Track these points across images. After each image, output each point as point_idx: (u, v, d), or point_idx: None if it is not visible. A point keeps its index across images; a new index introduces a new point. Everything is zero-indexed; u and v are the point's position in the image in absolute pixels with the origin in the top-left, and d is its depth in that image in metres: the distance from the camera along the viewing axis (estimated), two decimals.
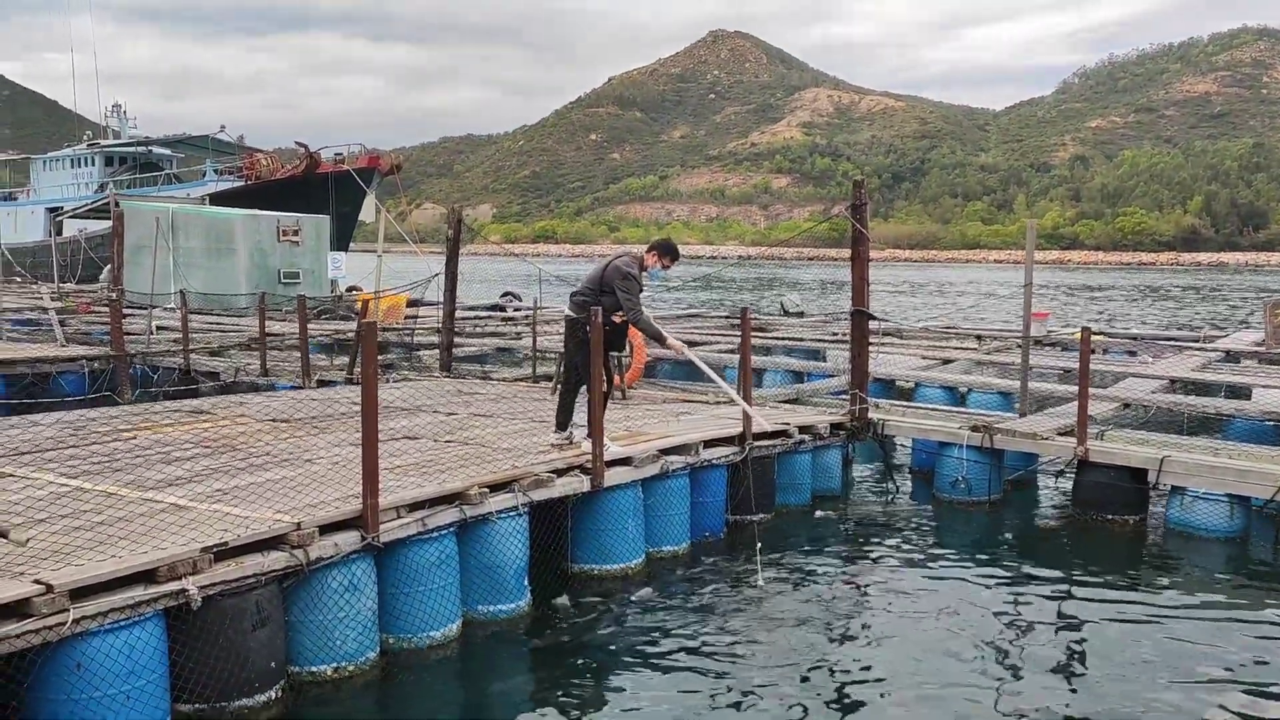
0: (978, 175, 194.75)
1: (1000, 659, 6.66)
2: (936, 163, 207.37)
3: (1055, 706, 5.99)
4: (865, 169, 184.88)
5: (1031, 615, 7.52)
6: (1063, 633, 7.25)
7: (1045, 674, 6.45)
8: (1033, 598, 7.93)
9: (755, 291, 54.74)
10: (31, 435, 8.66)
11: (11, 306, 21.46)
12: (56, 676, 5.01)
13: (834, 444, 10.82)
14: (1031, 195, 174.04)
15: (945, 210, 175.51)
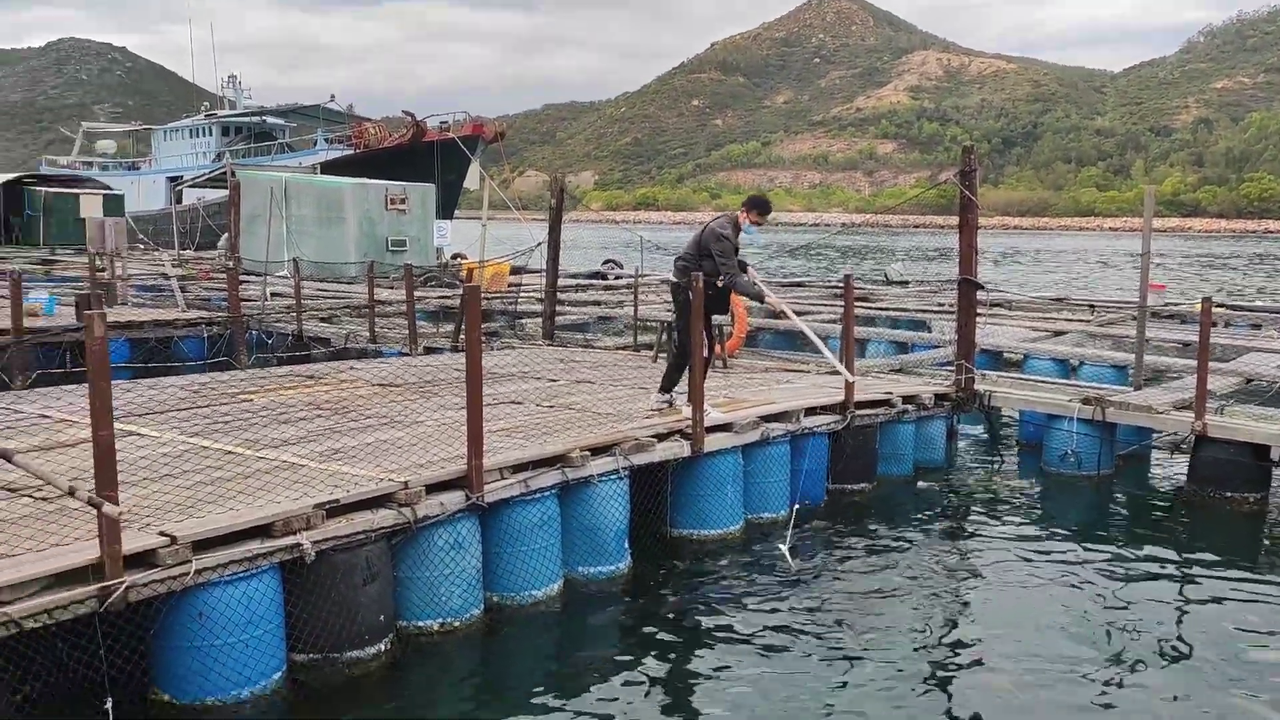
0: (1093, 140, 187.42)
1: (1107, 643, 6.46)
2: (1050, 127, 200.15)
3: (1165, 699, 5.78)
4: (974, 134, 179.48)
5: (1143, 596, 7.28)
6: (1176, 617, 7.00)
7: (1156, 662, 6.22)
8: (1145, 578, 7.68)
9: (858, 260, 53.85)
10: (157, 396, 9.06)
11: (136, 272, 22.42)
12: (180, 624, 5.26)
13: (938, 415, 10.62)
14: (1150, 160, 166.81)
15: (1058, 176, 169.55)
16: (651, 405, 8.58)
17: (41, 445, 7.17)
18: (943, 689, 5.84)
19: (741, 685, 5.88)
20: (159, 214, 40.85)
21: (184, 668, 5.29)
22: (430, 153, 36.93)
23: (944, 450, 10.79)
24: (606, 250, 41.29)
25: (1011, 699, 5.72)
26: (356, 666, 5.84)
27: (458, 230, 35.21)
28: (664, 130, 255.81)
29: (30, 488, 6.11)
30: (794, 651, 6.26)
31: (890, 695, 5.71)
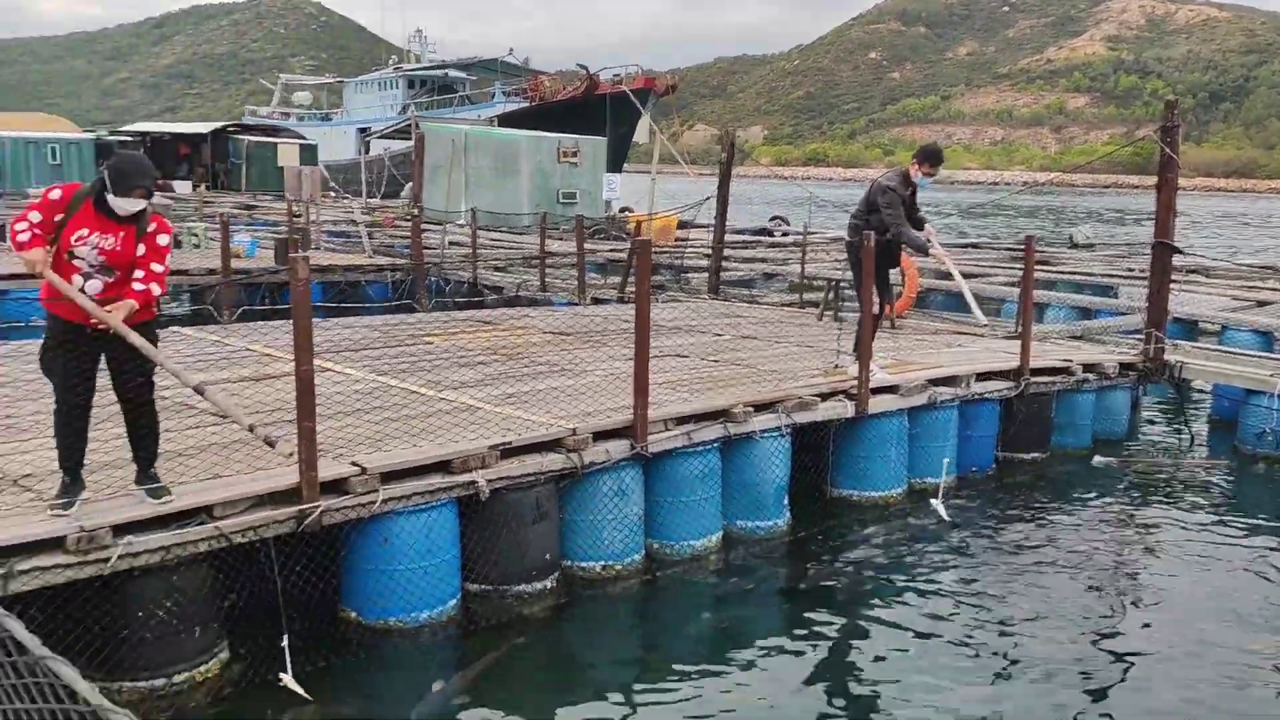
0: None
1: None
2: (1264, 81, 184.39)
3: None
4: (1178, 87, 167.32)
5: None
6: None
7: None
8: None
9: (1042, 221, 51.42)
10: (347, 335, 9.65)
11: (328, 218, 23.71)
12: (367, 549, 5.67)
13: (1122, 385, 10.16)
14: None
15: (1271, 135, 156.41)
16: (845, 365, 8.42)
17: (249, 377, 7.78)
18: (1100, 685, 5.62)
19: (891, 655, 5.88)
20: (348, 163, 42.89)
21: (369, 589, 5.71)
22: (602, 106, 37.33)
23: (1126, 422, 10.33)
24: (774, 206, 40.90)
25: (1178, 701, 5.51)
26: (523, 600, 6.15)
27: (627, 184, 35.57)
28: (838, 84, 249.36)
29: None
30: (947, 628, 6.14)
31: (1042, 687, 5.56)
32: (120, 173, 4.75)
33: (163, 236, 4.97)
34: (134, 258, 4.85)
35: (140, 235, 4.86)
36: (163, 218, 5.08)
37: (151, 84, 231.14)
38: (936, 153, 8.51)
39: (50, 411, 5.02)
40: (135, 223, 4.85)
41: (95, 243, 4.78)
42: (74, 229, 4.76)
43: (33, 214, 4.74)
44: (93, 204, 4.79)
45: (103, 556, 4.78)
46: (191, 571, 5.10)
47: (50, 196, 4.81)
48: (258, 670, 5.29)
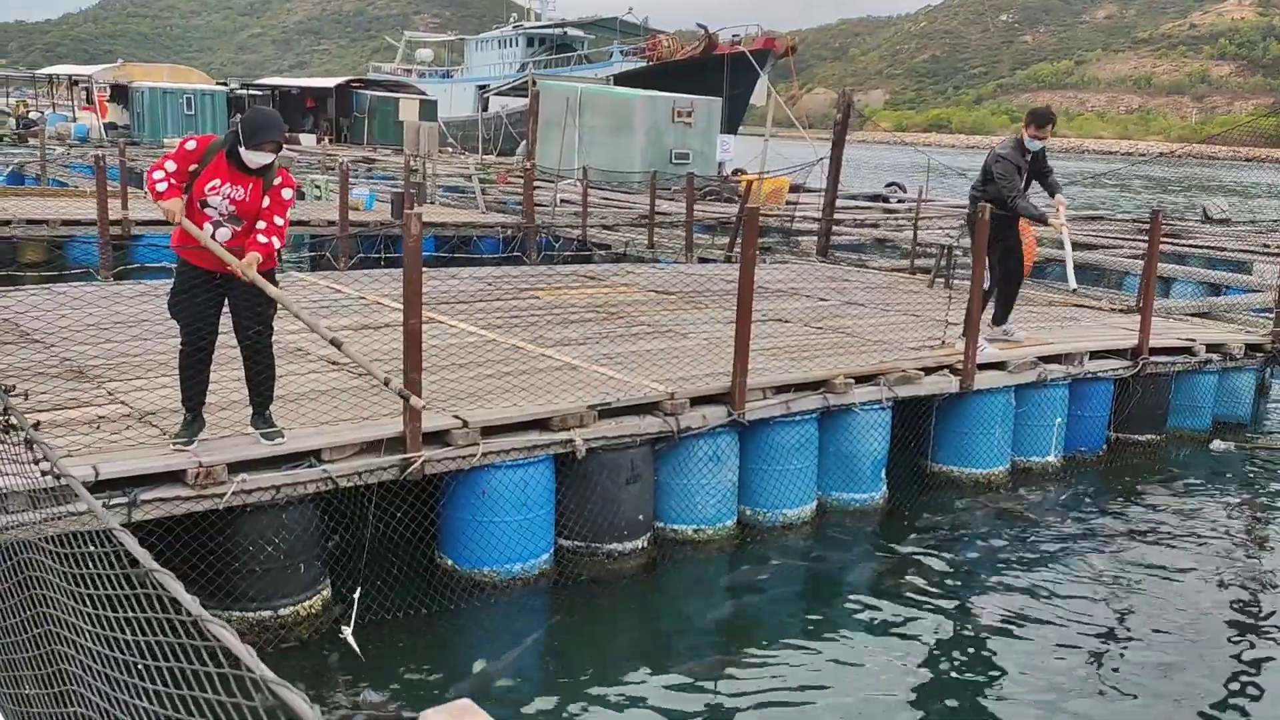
0: None
1: None
2: None
3: None
4: None
5: None
6: None
7: None
8: None
9: (1177, 194, 49.06)
10: (456, 286, 9.86)
11: (444, 173, 24.14)
12: (466, 500, 5.83)
13: (1248, 366, 9.69)
14: None
15: None
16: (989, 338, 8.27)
17: (356, 325, 8.02)
18: (1210, 687, 5.44)
19: (983, 636, 5.79)
20: (467, 120, 43.49)
21: (466, 538, 5.88)
22: (720, 66, 36.93)
23: (1250, 406, 9.87)
24: (891, 172, 39.99)
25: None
26: (616, 559, 6.25)
27: (741, 145, 35.20)
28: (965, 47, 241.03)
29: (348, 363, 6.90)
30: (1041, 613, 6.02)
31: (1138, 682, 5.41)
32: (253, 126, 4.95)
33: (286, 190, 5.15)
34: (260, 208, 5.05)
35: (267, 188, 5.05)
36: (288, 172, 5.27)
37: (282, 39, 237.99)
38: (1041, 113, 8.29)
39: (176, 352, 5.28)
40: (263, 175, 5.04)
41: (227, 193, 4.99)
42: (208, 179, 4.97)
43: (168, 164, 4.96)
44: (225, 156, 4.99)
45: (218, 492, 5.03)
46: (299, 511, 5.34)
47: (186, 147, 5.03)
48: (358, 609, 5.51)
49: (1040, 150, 8.23)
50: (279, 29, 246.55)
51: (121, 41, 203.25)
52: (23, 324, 7.46)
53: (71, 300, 7.83)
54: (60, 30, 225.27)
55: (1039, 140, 8.14)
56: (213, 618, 1.86)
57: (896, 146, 72.55)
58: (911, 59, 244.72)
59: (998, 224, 8.13)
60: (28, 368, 6.30)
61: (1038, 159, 8.27)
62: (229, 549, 5.18)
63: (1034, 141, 8.13)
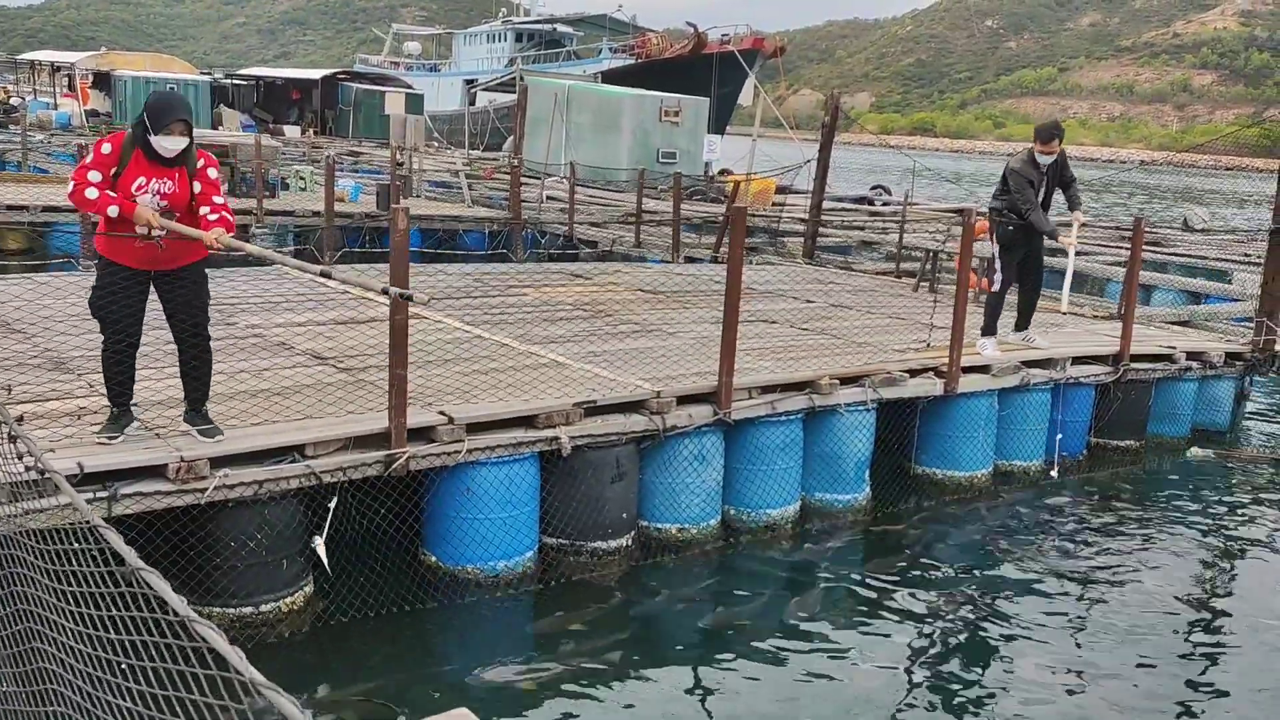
0: None
1: None
2: None
3: None
4: None
5: None
6: None
7: None
8: None
9: (1157, 202, 49.42)
10: (442, 283, 9.83)
11: (430, 168, 24.06)
12: (450, 496, 5.80)
13: (1227, 375, 9.77)
14: None
15: None
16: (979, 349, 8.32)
17: (342, 319, 7.98)
18: (1183, 693, 5.50)
19: (964, 636, 5.82)
20: (454, 114, 43.35)
21: (450, 535, 5.85)
22: (708, 65, 36.97)
23: (1229, 414, 9.94)
24: (876, 175, 40.11)
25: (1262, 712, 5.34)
26: (600, 557, 6.24)
27: (728, 145, 35.22)
28: (951, 51, 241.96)
29: (333, 358, 6.86)
30: (1023, 619, 6.04)
31: (1119, 685, 5.46)
32: (156, 112, 4.80)
33: (212, 170, 5.03)
34: (191, 197, 4.94)
35: (192, 173, 4.94)
36: (207, 152, 5.14)
37: (267, 29, 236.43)
38: (1044, 129, 8.44)
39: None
40: (184, 163, 4.92)
41: (155, 188, 4.86)
42: (131, 179, 4.83)
43: (93, 174, 4.78)
44: (142, 152, 4.85)
45: (200, 486, 4.98)
46: (282, 506, 5.30)
47: (102, 151, 4.86)
48: (340, 605, 5.49)
49: (1060, 160, 8.39)
50: (264, 18, 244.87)
51: (104, 28, 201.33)
52: (3, 314, 7.39)
53: (54, 290, 7.75)
54: (42, 16, 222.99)
55: (1048, 155, 8.27)
56: (200, 618, 1.84)
57: (881, 149, 72.78)
58: (897, 62, 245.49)
59: (1022, 233, 8.32)
60: (8, 358, 6.23)
61: (1060, 168, 8.44)
62: (211, 544, 5.13)
63: (1044, 156, 8.27)
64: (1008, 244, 8.45)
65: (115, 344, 5.04)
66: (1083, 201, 8.72)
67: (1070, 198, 8.63)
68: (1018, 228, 8.32)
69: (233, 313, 8.00)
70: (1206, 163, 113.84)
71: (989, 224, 8.63)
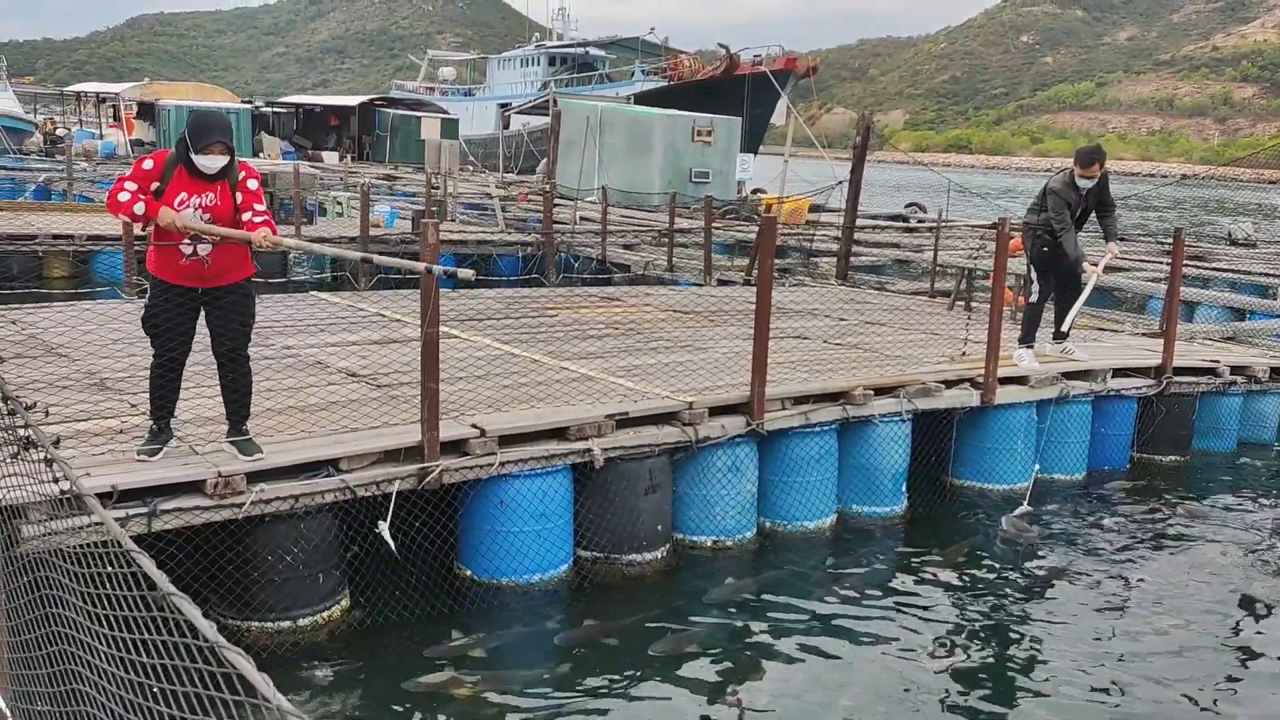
0: None
1: None
2: None
3: None
4: None
5: None
6: None
7: None
8: None
9: (1200, 216, 48.74)
10: (476, 305, 9.90)
11: (465, 191, 24.28)
12: (484, 509, 5.82)
13: (1273, 390, 9.59)
14: None
15: None
16: (1016, 360, 8.29)
17: (378, 339, 8.05)
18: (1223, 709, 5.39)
19: (1003, 656, 5.72)
20: (488, 138, 43.74)
21: (484, 548, 5.87)
22: (740, 86, 37.04)
23: (1276, 430, 9.74)
24: (911, 193, 39.92)
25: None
26: (634, 569, 6.22)
27: (761, 165, 35.23)
28: (986, 68, 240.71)
29: (368, 375, 6.92)
30: (1061, 633, 5.91)
31: (1144, 699, 5.34)
32: (197, 131, 4.92)
33: (252, 181, 5.15)
34: (234, 210, 5.06)
35: (234, 187, 5.07)
36: (249, 164, 5.27)
37: (306, 58, 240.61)
38: (1085, 152, 8.46)
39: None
40: (226, 177, 5.04)
41: (198, 203, 4.98)
42: (174, 194, 4.94)
43: (129, 183, 4.90)
44: (184, 169, 4.97)
45: (237, 501, 5.04)
46: (318, 520, 5.34)
47: (144, 166, 4.99)
48: (376, 618, 5.51)
49: (1101, 183, 8.39)
50: (304, 48, 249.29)
51: (148, 60, 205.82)
52: (48, 339, 7.53)
53: (97, 316, 7.89)
54: (88, 48, 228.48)
55: (1088, 179, 8.28)
56: (229, 645, 1.86)
57: (916, 167, 72.49)
58: (931, 79, 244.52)
59: (1053, 252, 8.35)
60: (52, 382, 6.35)
61: (1100, 192, 8.44)
62: (248, 559, 5.18)
63: (1084, 180, 8.28)
64: (1040, 262, 8.45)
65: (163, 359, 5.16)
66: (1119, 233, 8.67)
67: (1106, 227, 8.61)
68: (1050, 247, 8.28)
69: (270, 335, 8.10)
70: (1249, 176, 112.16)
71: (1023, 239, 8.58)
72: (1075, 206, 8.29)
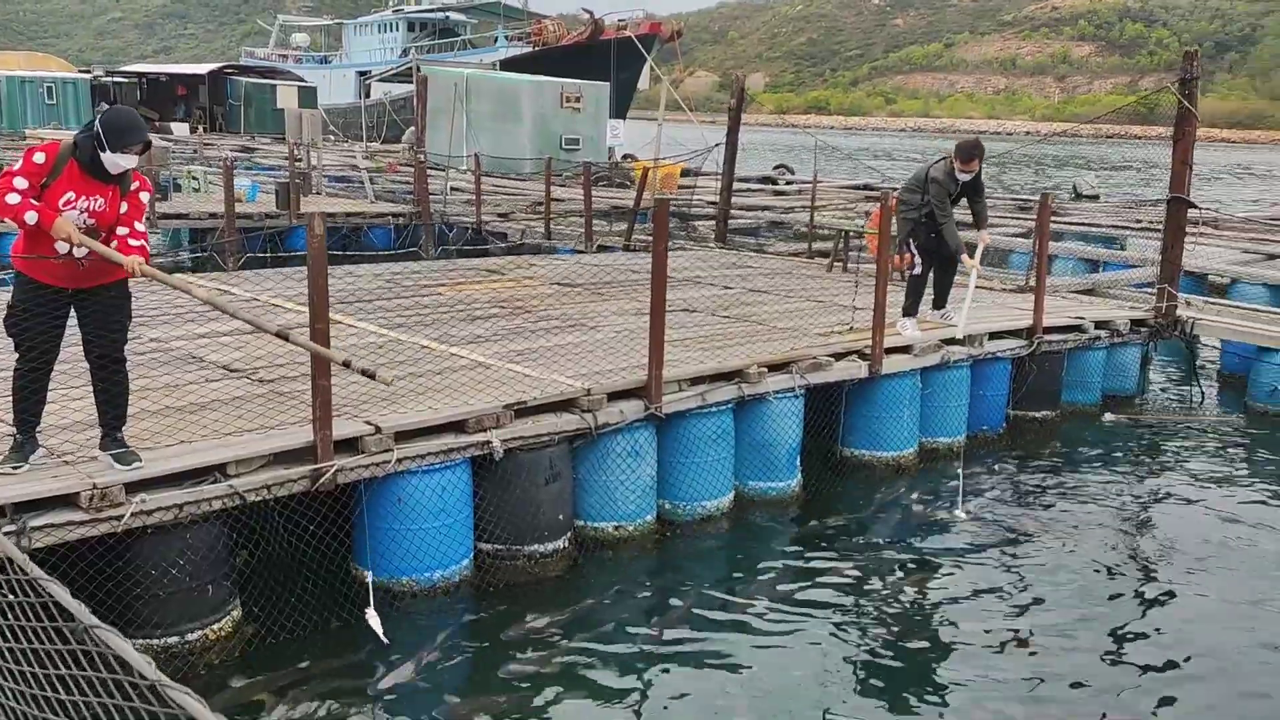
0: None
1: None
2: (1271, 30, 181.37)
3: None
4: (1183, 37, 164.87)
5: None
6: None
7: None
8: None
9: (1044, 171, 50.99)
10: (352, 285, 9.53)
11: (328, 163, 23.43)
12: (382, 508, 5.62)
13: (1132, 342, 10.08)
14: None
15: (1276, 86, 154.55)
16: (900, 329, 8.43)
17: (246, 330, 7.64)
18: (1111, 639, 5.67)
19: (899, 617, 5.88)
20: (348, 107, 42.33)
21: (383, 548, 5.67)
22: (606, 51, 36.79)
23: (1136, 380, 10.28)
24: (777, 154, 40.48)
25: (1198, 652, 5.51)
26: (537, 560, 6.12)
27: (629, 130, 35.13)
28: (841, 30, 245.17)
29: (248, 370, 6.59)
30: (954, 593, 6.15)
31: (1055, 643, 5.58)
32: (118, 129, 4.54)
33: (145, 194, 4.83)
34: (118, 217, 4.70)
35: (125, 193, 4.71)
36: (143, 175, 4.91)
37: (145, 24, 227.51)
38: (964, 148, 8.63)
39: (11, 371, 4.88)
40: (120, 181, 4.68)
41: (84, 206, 4.59)
42: (60, 193, 4.55)
43: (19, 181, 4.50)
44: (78, 166, 4.58)
45: (116, 514, 4.72)
46: (205, 529, 5.06)
47: (34, 160, 4.57)
48: (271, 628, 5.27)
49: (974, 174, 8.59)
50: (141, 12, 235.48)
51: None
52: None
53: None
54: None
55: (967, 173, 8.51)
56: (175, 684, 1.69)
57: (779, 129, 73.55)
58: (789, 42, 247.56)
59: (936, 241, 8.56)
60: None
61: (974, 179, 8.66)
62: (130, 574, 4.87)
63: (963, 174, 8.50)
64: (923, 246, 8.68)
65: (30, 365, 4.76)
66: (988, 219, 8.95)
67: (977, 214, 8.83)
68: (936, 234, 8.51)
69: (133, 326, 7.59)
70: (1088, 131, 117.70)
71: (898, 220, 8.72)
72: (953, 194, 8.53)
